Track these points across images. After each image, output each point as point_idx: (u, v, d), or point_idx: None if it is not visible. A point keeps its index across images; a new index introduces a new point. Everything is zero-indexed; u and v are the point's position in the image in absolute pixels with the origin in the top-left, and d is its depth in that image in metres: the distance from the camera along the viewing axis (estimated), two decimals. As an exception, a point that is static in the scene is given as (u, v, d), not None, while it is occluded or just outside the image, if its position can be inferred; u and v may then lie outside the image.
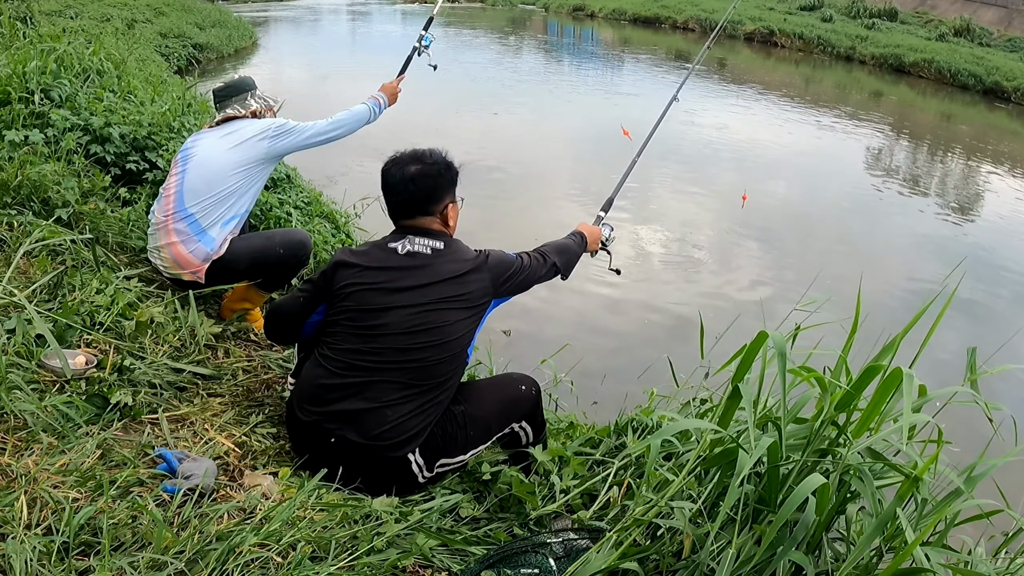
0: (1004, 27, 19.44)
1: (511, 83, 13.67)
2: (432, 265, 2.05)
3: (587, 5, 25.80)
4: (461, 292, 2.05)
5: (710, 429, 1.62)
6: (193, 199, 2.69)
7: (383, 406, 1.94)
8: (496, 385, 2.24)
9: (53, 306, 2.32)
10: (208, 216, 2.69)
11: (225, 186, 2.72)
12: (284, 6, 26.05)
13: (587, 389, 3.41)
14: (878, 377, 1.40)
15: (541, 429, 2.25)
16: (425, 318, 1.99)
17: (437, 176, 2.12)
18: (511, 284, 2.17)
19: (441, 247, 2.09)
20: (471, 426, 2.06)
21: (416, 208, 2.11)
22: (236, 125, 2.84)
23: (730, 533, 1.49)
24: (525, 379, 2.22)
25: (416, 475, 2.00)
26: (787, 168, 9.19)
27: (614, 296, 5.32)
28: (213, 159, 2.74)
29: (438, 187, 2.12)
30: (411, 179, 2.08)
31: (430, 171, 2.11)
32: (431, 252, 2.07)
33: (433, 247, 2.08)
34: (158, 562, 1.43)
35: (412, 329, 1.98)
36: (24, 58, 3.83)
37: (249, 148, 2.76)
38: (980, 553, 1.59)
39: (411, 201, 2.10)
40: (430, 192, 2.11)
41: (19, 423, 1.79)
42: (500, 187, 7.41)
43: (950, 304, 1.53)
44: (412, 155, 2.13)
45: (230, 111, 2.88)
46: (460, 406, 2.07)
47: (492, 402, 2.13)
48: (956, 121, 13.52)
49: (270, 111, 3.00)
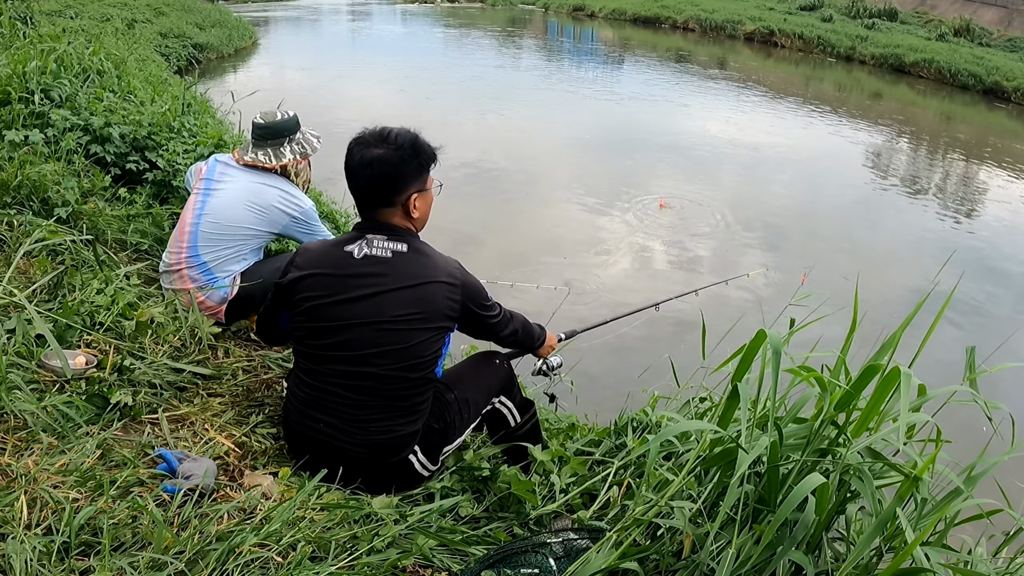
0: (1004, 27, 19.44)
1: (511, 83, 13.66)
2: (391, 274, 1.87)
3: (587, 5, 25.80)
4: (422, 308, 1.87)
5: (710, 430, 1.62)
6: (208, 248, 2.66)
7: (367, 422, 1.91)
8: (475, 363, 2.23)
9: (53, 306, 2.32)
10: (221, 267, 2.68)
11: (237, 242, 2.69)
12: (284, 6, 26.05)
13: (587, 389, 3.41)
14: (877, 376, 1.40)
15: (526, 410, 2.25)
16: (383, 338, 1.86)
17: (400, 163, 1.87)
18: (480, 319, 2.01)
19: (404, 249, 1.90)
20: (464, 408, 2.07)
21: (376, 198, 1.90)
22: (266, 179, 2.74)
23: (730, 533, 1.49)
24: (496, 353, 2.25)
25: (420, 472, 2.00)
26: (788, 168, 9.19)
27: (615, 296, 5.32)
28: (232, 209, 2.67)
29: (400, 175, 1.88)
30: (369, 163, 1.85)
31: (391, 157, 1.86)
32: (391, 256, 1.89)
33: (394, 250, 1.89)
34: (158, 562, 1.43)
35: (371, 352, 1.86)
36: (24, 58, 3.83)
37: (269, 218, 2.70)
38: (980, 553, 1.59)
39: (369, 190, 1.89)
40: (391, 180, 1.87)
41: (19, 423, 1.79)
42: (501, 187, 7.42)
43: (951, 305, 1.53)
44: (377, 135, 1.89)
45: (261, 157, 2.74)
46: (451, 392, 2.05)
47: (475, 380, 2.14)
48: (956, 121, 13.52)
49: (304, 160, 2.84)
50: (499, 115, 10.79)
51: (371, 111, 10.07)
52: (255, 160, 2.74)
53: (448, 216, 6.58)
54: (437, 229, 6.19)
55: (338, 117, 9.10)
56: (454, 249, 2.27)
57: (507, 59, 16.92)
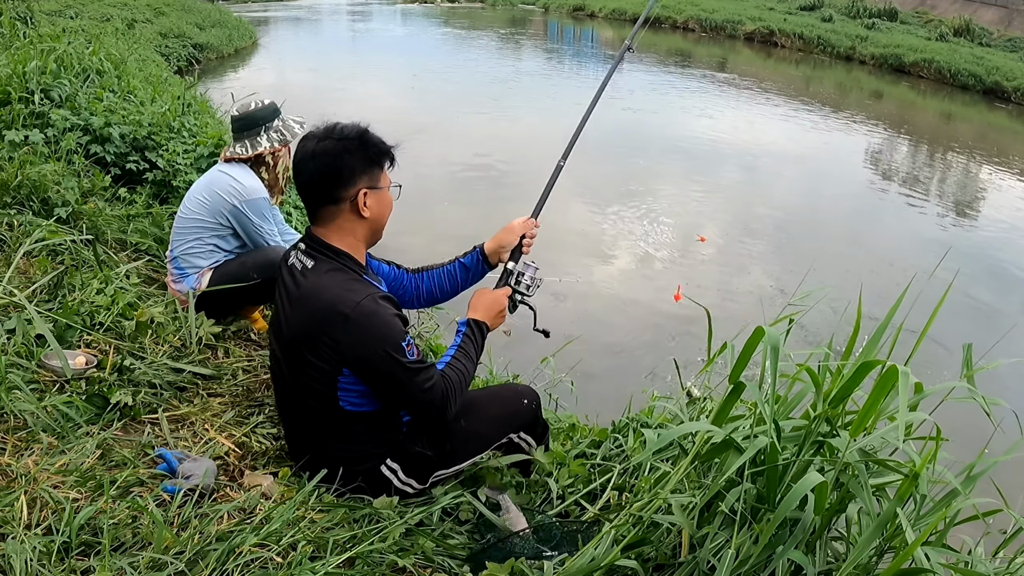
0: (1004, 27, 19.43)
1: (511, 84, 13.66)
2: (294, 295, 1.74)
3: (587, 5, 25.79)
4: (304, 339, 1.70)
5: (705, 430, 1.62)
6: (176, 243, 2.72)
7: (311, 436, 1.87)
8: (497, 398, 2.10)
9: (53, 306, 2.32)
10: (187, 260, 2.71)
11: (194, 235, 2.69)
12: (284, 6, 26.05)
13: (588, 389, 3.40)
14: (874, 371, 1.40)
15: (543, 435, 2.18)
16: (285, 361, 1.78)
17: (342, 154, 1.73)
18: (377, 372, 1.70)
19: (311, 265, 1.73)
20: (472, 440, 1.97)
21: (320, 193, 1.75)
22: (228, 169, 2.71)
23: (729, 532, 1.49)
24: (526, 391, 2.10)
25: (400, 487, 1.89)
26: (788, 168, 9.20)
27: (616, 296, 5.32)
28: (190, 201, 2.71)
29: (344, 168, 1.73)
30: (313, 156, 1.73)
31: (335, 147, 1.73)
32: (299, 271, 1.75)
33: (304, 264, 1.74)
34: (158, 562, 1.43)
35: (289, 388, 1.80)
36: (24, 58, 3.83)
37: (213, 206, 2.67)
38: (980, 553, 1.59)
39: (312, 184, 1.75)
40: (335, 172, 1.72)
41: (19, 423, 1.79)
42: (502, 187, 7.42)
43: (954, 306, 1.52)
44: (324, 129, 1.78)
45: (239, 149, 2.73)
46: (461, 421, 1.91)
47: (493, 416, 2.02)
48: (956, 121, 13.52)
49: (284, 147, 2.80)
50: (499, 115, 10.78)
51: (372, 111, 10.08)
52: (233, 154, 2.74)
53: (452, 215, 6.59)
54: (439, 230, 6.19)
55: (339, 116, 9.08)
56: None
57: (507, 59, 16.92)
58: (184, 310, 2.59)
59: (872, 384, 1.40)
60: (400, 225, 1.93)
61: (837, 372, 1.54)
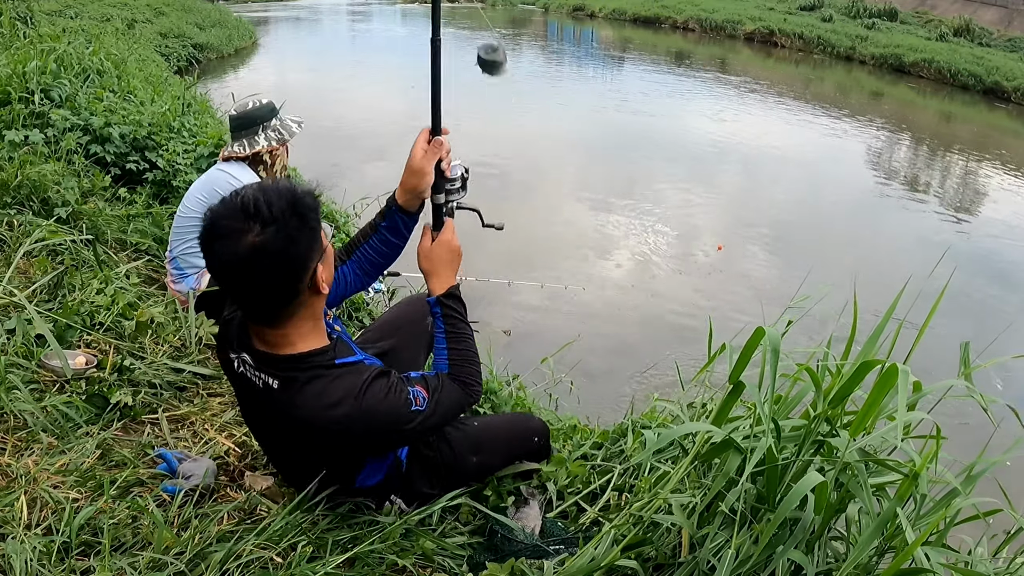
0: (1004, 27, 19.44)
1: (511, 83, 13.66)
2: (282, 425, 1.51)
3: (587, 5, 25.79)
4: (320, 454, 1.57)
5: (705, 430, 1.62)
6: (175, 242, 2.75)
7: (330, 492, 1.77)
8: (510, 436, 2.05)
9: (53, 306, 2.32)
10: (185, 259, 2.74)
11: (192, 233, 2.69)
12: (284, 6, 26.06)
13: (588, 389, 3.41)
14: (874, 371, 1.40)
15: (547, 456, 2.18)
16: (293, 459, 1.71)
17: (287, 245, 1.31)
18: (389, 442, 1.61)
19: (276, 385, 1.44)
20: (481, 472, 1.95)
21: (269, 302, 1.38)
22: (225, 167, 2.73)
23: (729, 532, 1.49)
24: (538, 428, 2.07)
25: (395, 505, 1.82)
26: (789, 169, 9.20)
27: (616, 296, 5.32)
28: (187, 200, 2.75)
29: (296, 258, 1.34)
30: (247, 264, 1.29)
31: (273, 241, 1.29)
32: (263, 389, 1.47)
33: (266, 383, 1.45)
34: (159, 562, 1.43)
35: (290, 461, 1.74)
36: (24, 58, 3.83)
37: (210, 203, 2.67)
38: (980, 553, 1.59)
39: (258, 302, 1.38)
40: (286, 272, 1.34)
41: (19, 423, 1.79)
42: (503, 188, 7.41)
43: (957, 307, 1.53)
44: (237, 211, 1.31)
45: (236, 148, 2.74)
46: (472, 458, 1.87)
47: (504, 452, 2.00)
48: (956, 121, 13.52)
49: (282, 146, 2.81)
50: (498, 117, 10.78)
51: (374, 112, 10.07)
52: (232, 152, 2.77)
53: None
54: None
55: (340, 116, 9.11)
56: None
57: (507, 59, 16.90)
58: (184, 310, 2.59)
59: (872, 383, 1.40)
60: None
61: (837, 372, 1.54)
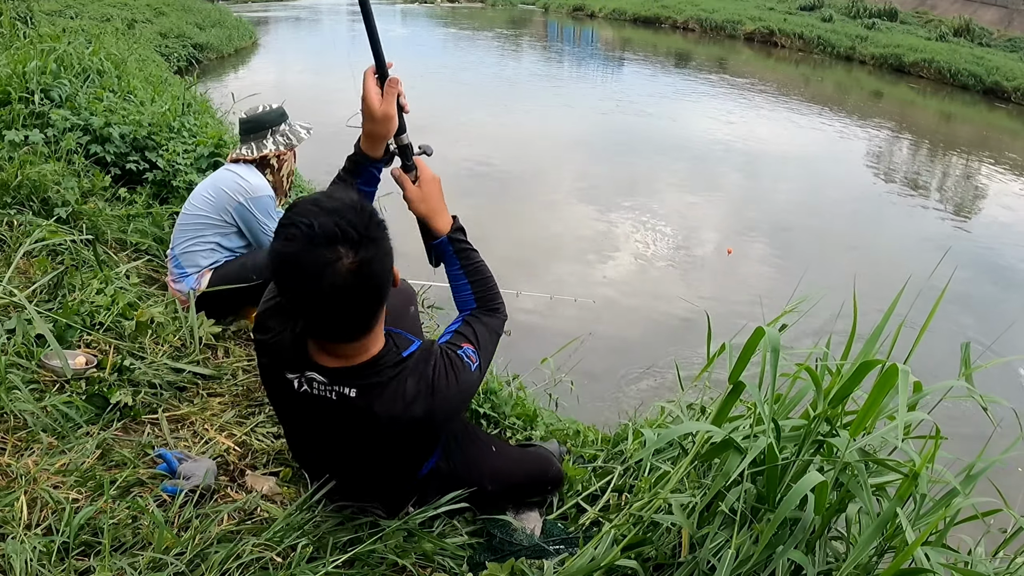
0: (1004, 27, 19.43)
1: (512, 84, 13.67)
2: (363, 429, 1.49)
3: (587, 5, 25.78)
4: (403, 446, 1.58)
5: (705, 430, 1.62)
6: (177, 241, 2.74)
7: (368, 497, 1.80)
8: (528, 470, 2.04)
9: (53, 306, 2.32)
10: (188, 259, 2.73)
11: (197, 233, 2.71)
12: (284, 6, 26.05)
13: (589, 390, 3.40)
14: (874, 371, 1.40)
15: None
16: (362, 462, 1.69)
17: (383, 256, 1.31)
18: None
19: (354, 394, 1.43)
20: (497, 502, 1.94)
21: (361, 320, 1.36)
22: (233, 167, 2.77)
23: (729, 531, 1.49)
24: (555, 479, 2.07)
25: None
26: (790, 169, 9.19)
27: (617, 296, 5.32)
28: (194, 199, 2.75)
29: (387, 271, 1.34)
30: (350, 288, 1.26)
31: (368, 255, 1.26)
32: (336, 401, 1.45)
33: (342, 393, 1.43)
34: (159, 562, 1.43)
35: (356, 463, 1.72)
36: (24, 58, 3.83)
37: (218, 203, 2.70)
38: (980, 553, 1.59)
39: (354, 313, 1.33)
40: (382, 285, 1.33)
41: (19, 423, 1.79)
42: (504, 188, 7.41)
43: (958, 306, 1.53)
44: (330, 231, 1.25)
45: (244, 151, 2.78)
46: (492, 486, 1.86)
47: (516, 492, 2.01)
48: (956, 121, 13.52)
49: (290, 152, 2.84)
50: (499, 117, 10.78)
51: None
52: (240, 155, 2.79)
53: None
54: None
55: (340, 116, 9.07)
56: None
57: (508, 60, 16.91)
58: (184, 310, 2.59)
59: (872, 383, 1.41)
60: (403, 225, 1.88)
61: (837, 371, 1.55)
